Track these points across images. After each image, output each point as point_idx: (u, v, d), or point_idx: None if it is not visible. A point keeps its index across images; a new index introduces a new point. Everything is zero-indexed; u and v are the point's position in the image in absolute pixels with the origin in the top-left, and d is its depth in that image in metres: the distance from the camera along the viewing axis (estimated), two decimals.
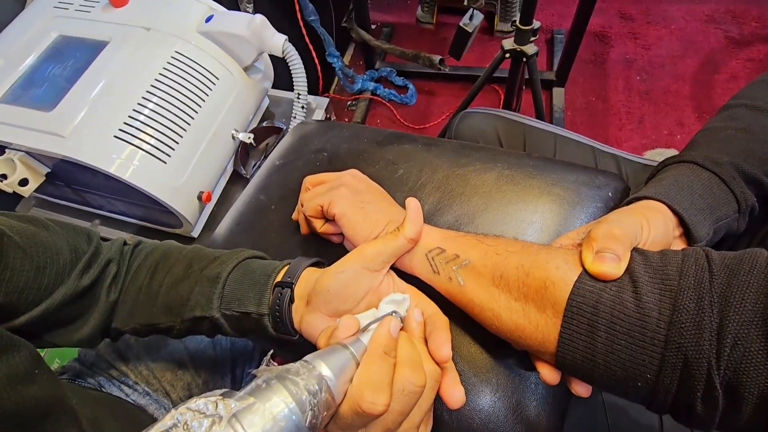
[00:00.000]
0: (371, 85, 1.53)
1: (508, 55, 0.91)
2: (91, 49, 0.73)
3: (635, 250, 0.30)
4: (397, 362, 0.28)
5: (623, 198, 0.45)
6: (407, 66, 1.58)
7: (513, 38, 0.90)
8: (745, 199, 0.37)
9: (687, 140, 0.43)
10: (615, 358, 0.26)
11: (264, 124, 0.95)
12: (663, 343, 0.25)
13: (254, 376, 0.25)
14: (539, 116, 1.06)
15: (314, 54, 1.19)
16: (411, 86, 1.56)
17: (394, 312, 0.31)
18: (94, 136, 0.66)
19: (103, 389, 0.50)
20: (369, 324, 0.30)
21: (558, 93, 1.52)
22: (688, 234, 0.36)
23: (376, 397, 0.25)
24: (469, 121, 0.73)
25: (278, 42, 0.78)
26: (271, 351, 0.31)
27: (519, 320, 0.31)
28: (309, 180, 0.46)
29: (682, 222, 0.35)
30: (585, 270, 0.29)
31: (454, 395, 0.30)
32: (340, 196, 0.40)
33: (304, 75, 0.82)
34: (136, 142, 0.68)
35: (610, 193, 0.44)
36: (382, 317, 0.30)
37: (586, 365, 0.28)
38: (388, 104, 1.56)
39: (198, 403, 0.22)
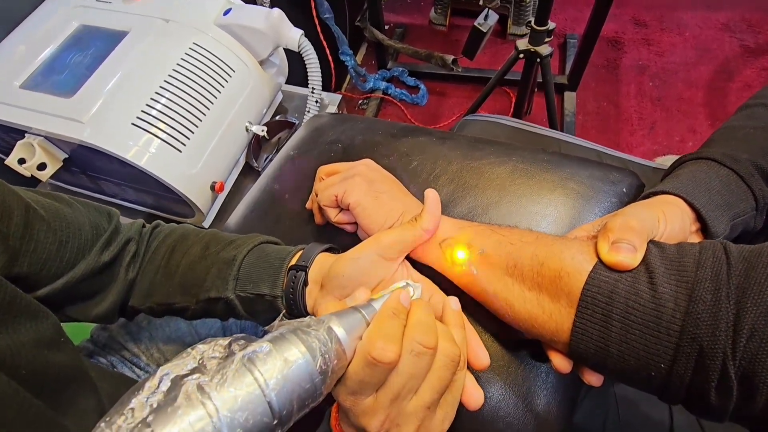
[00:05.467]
0: (383, 85, 1.54)
1: (522, 55, 0.91)
2: (111, 38, 0.74)
3: (651, 242, 0.30)
4: (407, 324, 0.28)
5: (638, 194, 0.45)
6: (419, 66, 1.59)
7: (527, 39, 0.90)
8: (763, 196, 0.37)
9: (699, 147, 0.43)
10: (629, 347, 0.27)
11: (277, 118, 0.96)
12: (678, 334, 0.25)
13: (267, 332, 0.26)
14: (551, 118, 1.05)
15: (328, 51, 1.19)
16: (422, 87, 1.57)
17: (407, 283, 0.32)
18: (112, 123, 0.67)
19: (115, 369, 0.51)
20: (381, 293, 0.31)
21: (570, 97, 1.52)
22: (705, 229, 0.36)
23: (386, 345, 0.25)
24: (471, 128, 0.72)
25: (294, 36, 0.79)
26: (284, 311, 0.31)
27: (532, 309, 0.31)
28: (323, 170, 0.46)
29: (699, 217, 0.35)
30: (600, 260, 0.29)
31: (473, 396, 0.30)
32: (355, 185, 0.40)
33: (319, 70, 0.82)
34: (153, 130, 0.69)
35: (624, 189, 0.44)
36: (393, 288, 0.31)
37: (599, 354, 0.28)
38: (399, 104, 1.57)
39: (217, 342, 0.24)
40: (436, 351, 0.27)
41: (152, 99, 0.69)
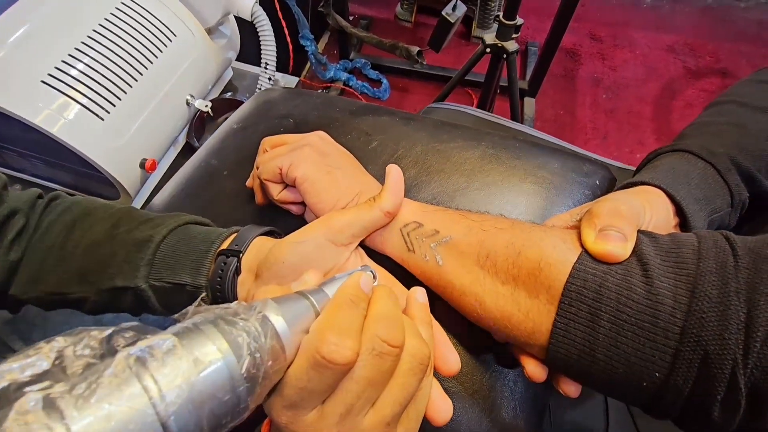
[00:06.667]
0: (344, 76, 1.48)
1: (488, 50, 0.89)
2: None
3: (641, 231, 0.26)
4: (367, 316, 0.22)
5: (610, 189, 0.42)
6: (382, 60, 1.55)
7: (494, 34, 0.88)
8: (739, 192, 0.35)
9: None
10: (619, 352, 0.23)
11: (227, 95, 0.87)
12: (678, 336, 0.21)
13: (177, 321, 0.19)
14: (514, 115, 1.04)
15: (287, 32, 1.12)
16: (385, 81, 1.52)
17: (364, 266, 0.25)
18: (15, 80, 0.56)
19: None
20: (336, 277, 0.24)
21: (529, 103, 1.54)
22: (684, 225, 0.33)
23: (341, 341, 0.19)
24: (435, 115, 0.69)
25: (247, 3, 0.71)
26: (204, 294, 0.24)
27: (506, 306, 0.27)
28: (268, 141, 0.40)
29: (679, 211, 0.32)
30: (585, 250, 0.25)
31: (441, 408, 0.25)
32: (304, 157, 0.34)
33: (274, 44, 0.75)
34: (70, 92, 0.59)
35: (597, 182, 0.41)
36: (351, 272, 0.24)
37: (583, 360, 0.24)
38: (360, 97, 1.51)
39: (90, 334, 0.17)
40: (402, 351, 0.22)
41: (70, 56, 0.59)
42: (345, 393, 0.20)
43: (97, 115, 0.60)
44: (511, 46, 0.86)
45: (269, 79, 0.78)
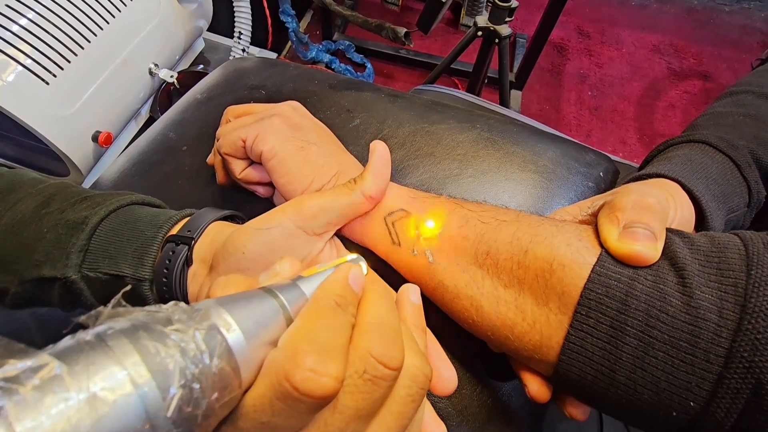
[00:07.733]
0: (326, 57, 1.41)
1: (480, 33, 0.84)
2: None
3: (670, 230, 0.22)
4: (357, 325, 0.17)
5: (614, 182, 0.39)
6: (367, 42, 1.49)
7: (487, 16, 0.83)
8: (758, 191, 0.32)
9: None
10: (645, 375, 0.19)
11: (199, 68, 0.80)
12: (723, 360, 0.17)
13: (80, 326, 0.14)
14: (504, 104, 1.01)
15: (266, 4, 1.04)
16: (369, 65, 1.46)
17: (354, 255, 0.20)
18: None
19: None
20: (318, 268, 0.19)
21: (515, 96, 1.51)
22: (700, 225, 0.29)
23: (321, 364, 0.14)
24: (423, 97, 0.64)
25: None
26: (129, 287, 0.18)
27: (508, 314, 0.22)
28: (232, 110, 0.34)
29: (696, 209, 0.29)
30: (605, 250, 0.21)
31: None
32: (272, 128, 0.29)
33: (249, 10, 0.69)
34: (10, 50, 0.51)
35: (601, 173, 0.37)
36: (336, 263, 0.19)
37: (599, 383, 0.20)
38: None
39: None
40: (400, 373, 0.17)
41: (9, 7, 0.51)
42: (323, 428, 0.15)
43: (41, 79, 0.53)
44: (504, 30, 0.82)
45: (243, 50, 0.71)
